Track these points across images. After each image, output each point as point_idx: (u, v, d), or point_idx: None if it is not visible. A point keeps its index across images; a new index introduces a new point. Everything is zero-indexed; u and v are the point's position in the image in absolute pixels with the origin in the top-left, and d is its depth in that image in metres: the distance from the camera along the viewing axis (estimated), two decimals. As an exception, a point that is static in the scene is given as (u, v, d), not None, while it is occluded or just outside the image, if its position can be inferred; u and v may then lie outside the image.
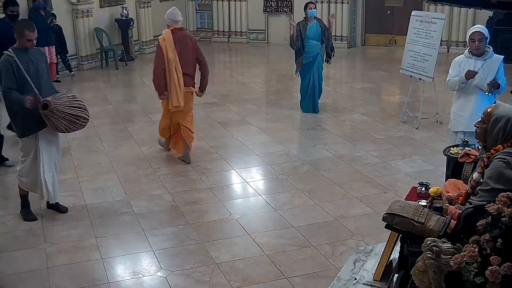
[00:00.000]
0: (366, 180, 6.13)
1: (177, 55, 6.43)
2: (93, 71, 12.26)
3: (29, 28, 4.95)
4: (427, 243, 2.60)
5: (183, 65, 6.47)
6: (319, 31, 8.58)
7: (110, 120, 8.60)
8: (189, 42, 6.59)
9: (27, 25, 5.00)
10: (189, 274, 4.36)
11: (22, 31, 4.91)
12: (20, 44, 4.95)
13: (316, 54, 8.60)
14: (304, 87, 8.79)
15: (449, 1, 3.46)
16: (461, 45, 12.89)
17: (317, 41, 8.59)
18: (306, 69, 8.68)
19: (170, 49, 6.43)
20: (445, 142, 6.28)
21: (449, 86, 5.64)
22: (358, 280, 3.55)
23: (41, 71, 5.06)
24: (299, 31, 8.52)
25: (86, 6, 12.12)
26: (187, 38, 6.62)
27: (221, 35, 16.01)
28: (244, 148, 7.24)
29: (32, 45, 4.98)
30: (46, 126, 5.00)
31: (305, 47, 8.56)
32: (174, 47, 6.44)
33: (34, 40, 4.98)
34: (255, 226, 5.14)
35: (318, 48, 8.62)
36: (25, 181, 5.23)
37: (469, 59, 5.49)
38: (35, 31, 4.99)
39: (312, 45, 8.56)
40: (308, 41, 8.55)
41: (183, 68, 6.47)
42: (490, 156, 3.30)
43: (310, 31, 8.54)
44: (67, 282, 4.29)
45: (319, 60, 8.68)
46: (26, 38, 4.91)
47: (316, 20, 8.65)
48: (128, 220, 5.27)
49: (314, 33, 8.55)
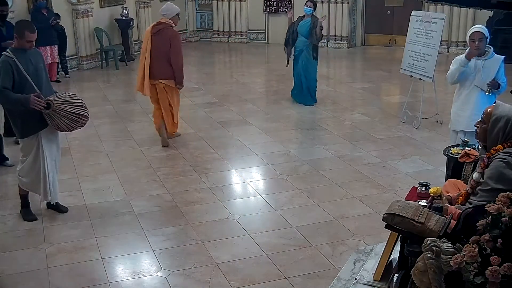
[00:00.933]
0: (366, 180, 6.13)
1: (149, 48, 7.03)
2: (93, 71, 12.26)
3: (29, 29, 4.93)
4: (427, 243, 2.60)
5: (153, 58, 7.02)
6: (308, 29, 8.95)
7: (110, 120, 8.61)
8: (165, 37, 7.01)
9: (28, 26, 4.98)
10: (189, 274, 4.36)
11: (23, 32, 4.89)
12: (19, 44, 4.94)
13: (300, 50, 9.09)
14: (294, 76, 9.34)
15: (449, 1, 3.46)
16: (461, 45, 12.90)
17: (305, 38, 9.01)
18: (294, 62, 9.27)
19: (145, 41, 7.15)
20: (445, 142, 6.29)
21: (449, 77, 5.60)
22: (358, 280, 3.55)
23: (40, 71, 5.05)
24: (293, 24, 9.08)
25: (86, 6, 12.12)
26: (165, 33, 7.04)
27: (221, 35, 16.01)
28: (244, 148, 7.24)
29: (31, 46, 4.97)
30: (47, 126, 5.00)
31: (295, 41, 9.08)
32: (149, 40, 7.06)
33: (34, 41, 4.97)
34: (255, 226, 5.14)
35: (304, 45, 9.05)
36: (25, 181, 5.22)
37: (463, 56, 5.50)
38: (35, 32, 4.98)
39: (300, 40, 9.08)
40: (298, 37, 9.06)
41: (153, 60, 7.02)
42: (490, 156, 3.30)
43: (301, 27, 9.03)
44: (67, 282, 4.29)
45: (303, 56, 9.07)
46: (26, 39, 4.90)
47: (310, 18, 8.98)
48: (128, 220, 5.27)
49: (304, 29, 8.98)
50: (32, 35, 4.92)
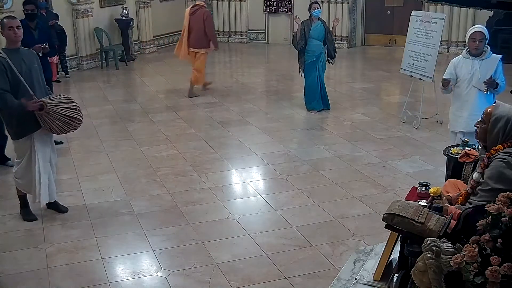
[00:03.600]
0: (366, 180, 6.13)
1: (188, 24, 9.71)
2: (93, 71, 12.26)
3: (7, 17, 5.03)
4: (427, 243, 2.60)
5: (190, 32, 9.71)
6: (323, 32, 8.72)
7: (110, 120, 8.61)
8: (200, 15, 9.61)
9: (6, 17, 5.07)
10: (189, 274, 4.36)
11: (2, 23, 4.97)
12: (8, 39, 4.95)
13: (319, 54, 8.74)
14: (310, 86, 8.87)
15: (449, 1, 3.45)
16: (461, 45, 12.87)
17: (320, 41, 8.72)
18: (310, 69, 8.79)
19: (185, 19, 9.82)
20: (445, 142, 6.28)
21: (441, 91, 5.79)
22: (358, 280, 3.55)
23: (34, 71, 5.01)
24: (303, 30, 8.62)
25: (86, 6, 12.12)
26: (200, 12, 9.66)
27: (221, 35, 15.98)
28: (244, 148, 7.24)
29: (16, 35, 4.93)
30: (40, 128, 4.97)
31: (308, 46, 8.69)
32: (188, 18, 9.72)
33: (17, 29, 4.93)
34: (255, 226, 5.14)
35: (321, 48, 8.77)
36: (21, 183, 5.21)
37: (467, 60, 5.50)
38: (16, 19, 5.03)
39: (315, 45, 8.70)
40: (312, 41, 8.67)
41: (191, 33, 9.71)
42: (490, 156, 3.30)
43: (314, 31, 8.66)
44: (67, 282, 4.29)
45: (322, 60, 8.82)
46: (7, 26, 4.90)
47: (320, 21, 8.76)
48: (128, 220, 5.27)
49: (318, 33, 8.68)
50: (12, 21, 4.93)
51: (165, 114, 8.88)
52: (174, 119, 8.55)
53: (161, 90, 10.47)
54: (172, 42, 15.49)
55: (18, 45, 5.01)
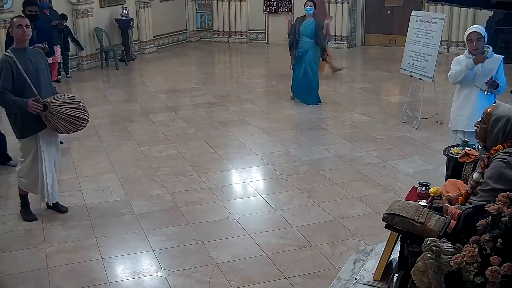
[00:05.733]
0: (366, 180, 6.13)
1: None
2: (93, 71, 12.26)
3: (17, 17, 5.10)
4: (427, 243, 2.60)
5: None
6: (313, 30, 8.95)
7: (110, 120, 8.60)
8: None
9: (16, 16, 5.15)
10: (189, 274, 4.36)
11: (11, 22, 5.04)
12: (16, 37, 4.96)
13: (306, 51, 9.07)
14: (294, 79, 9.36)
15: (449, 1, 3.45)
16: (461, 45, 12.87)
17: (310, 38, 9.02)
18: (297, 63, 9.22)
19: None
20: (445, 142, 6.29)
21: (453, 77, 5.56)
22: (358, 280, 3.55)
23: (40, 70, 5.03)
24: (294, 26, 9.05)
25: (86, 6, 12.12)
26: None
27: (221, 35, 16.00)
28: (244, 148, 7.24)
29: (24, 34, 4.94)
30: (45, 127, 4.99)
31: (298, 42, 9.04)
32: None
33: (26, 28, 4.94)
34: (255, 226, 5.14)
35: (309, 45, 9.06)
36: (24, 182, 5.22)
37: (469, 59, 5.49)
38: (25, 18, 5.07)
39: (304, 41, 9.06)
40: (301, 37, 9.03)
41: None
42: (490, 156, 3.30)
43: (304, 28, 8.99)
44: (67, 282, 4.29)
45: (309, 56, 9.08)
46: (16, 25, 4.92)
47: (313, 19, 8.98)
48: (128, 220, 5.27)
49: (308, 30, 8.97)
50: (21, 20, 4.97)
51: (165, 114, 8.88)
52: (174, 119, 8.55)
53: (161, 90, 10.46)
54: (172, 42, 15.53)
55: (25, 45, 5.03)
